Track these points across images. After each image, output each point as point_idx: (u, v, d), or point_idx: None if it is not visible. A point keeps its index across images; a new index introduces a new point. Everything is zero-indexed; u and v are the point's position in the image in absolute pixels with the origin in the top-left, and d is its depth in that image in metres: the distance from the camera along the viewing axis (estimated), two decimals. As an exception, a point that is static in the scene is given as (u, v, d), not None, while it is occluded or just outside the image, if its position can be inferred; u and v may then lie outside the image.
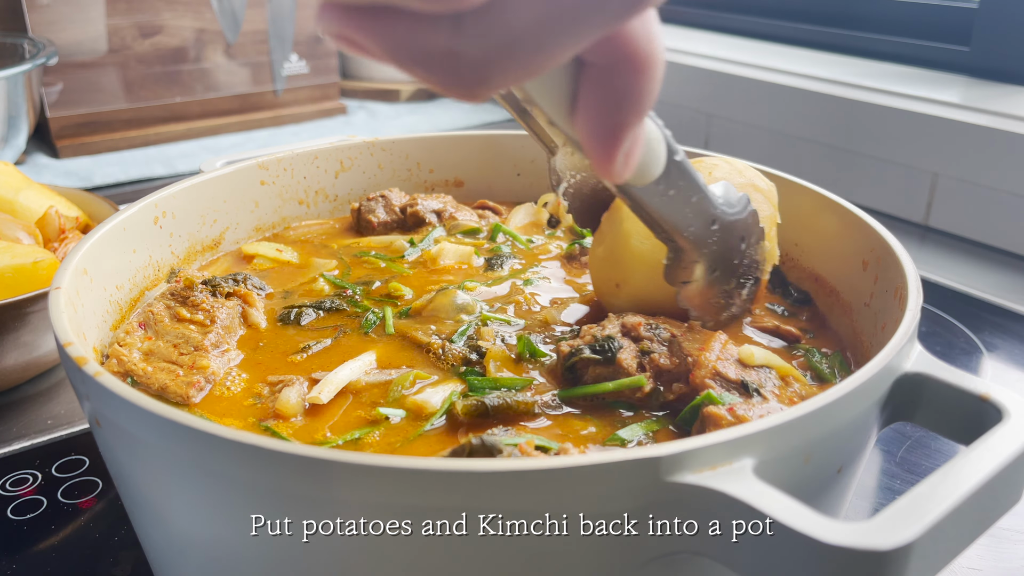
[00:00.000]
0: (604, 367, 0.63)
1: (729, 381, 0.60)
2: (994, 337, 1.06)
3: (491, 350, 0.66)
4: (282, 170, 0.93)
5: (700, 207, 0.61)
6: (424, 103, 2.21)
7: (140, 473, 0.51)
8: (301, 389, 0.63)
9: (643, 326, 0.65)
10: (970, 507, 0.42)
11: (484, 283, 0.79)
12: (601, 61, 0.39)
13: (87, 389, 0.50)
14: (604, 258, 0.72)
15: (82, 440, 0.85)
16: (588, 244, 0.85)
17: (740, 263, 0.68)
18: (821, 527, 0.39)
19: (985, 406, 0.50)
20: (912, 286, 0.61)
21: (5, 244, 0.89)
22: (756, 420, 0.46)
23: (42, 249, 0.92)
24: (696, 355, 0.62)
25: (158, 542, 0.55)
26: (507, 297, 0.77)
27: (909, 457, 0.83)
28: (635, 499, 0.42)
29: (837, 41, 1.73)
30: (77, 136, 1.73)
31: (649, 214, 0.59)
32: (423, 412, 0.60)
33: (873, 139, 1.43)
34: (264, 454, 0.42)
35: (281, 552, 0.45)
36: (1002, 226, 1.30)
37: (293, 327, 0.73)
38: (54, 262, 0.89)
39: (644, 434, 0.59)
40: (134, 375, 0.63)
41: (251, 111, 1.94)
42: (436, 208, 0.93)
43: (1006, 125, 1.27)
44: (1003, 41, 1.46)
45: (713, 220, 0.62)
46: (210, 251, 0.87)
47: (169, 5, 1.76)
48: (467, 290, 0.76)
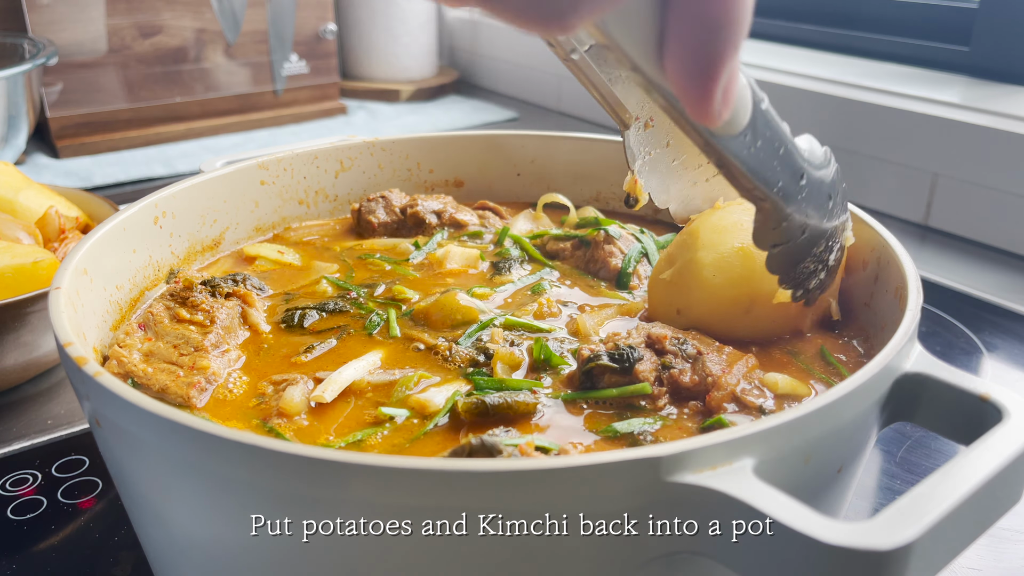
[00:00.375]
0: (620, 376, 0.62)
1: (747, 406, 0.59)
2: (994, 337, 1.06)
3: (499, 352, 0.66)
4: (282, 170, 0.93)
5: (788, 159, 0.56)
6: (424, 103, 2.21)
7: (140, 473, 0.51)
8: (305, 388, 0.63)
9: (669, 340, 0.64)
10: (970, 507, 0.42)
11: (492, 288, 0.79)
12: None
13: (87, 389, 0.50)
14: (671, 282, 0.71)
15: (82, 440, 0.85)
16: (613, 231, 0.84)
17: (829, 224, 0.63)
18: (821, 527, 0.39)
19: (985, 406, 0.50)
20: (912, 286, 0.61)
21: (5, 244, 0.89)
22: (757, 420, 0.46)
23: (42, 249, 0.92)
24: (717, 376, 0.61)
25: (158, 542, 0.55)
26: (519, 302, 0.77)
27: (909, 457, 0.83)
28: (635, 499, 0.42)
29: (837, 41, 1.73)
30: (77, 136, 1.73)
31: (737, 169, 0.53)
32: (426, 411, 0.60)
33: (873, 139, 1.43)
34: (264, 454, 0.42)
35: (281, 552, 0.45)
36: (1002, 226, 1.30)
37: (296, 329, 0.73)
38: (54, 262, 0.89)
39: (641, 428, 0.59)
40: (134, 376, 0.63)
41: (251, 111, 1.94)
42: (436, 209, 0.93)
43: (1006, 125, 1.27)
44: (1003, 41, 1.46)
45: (801, 174, 0.57)
46: (210, 251, 0.87)
47: (169, 5, 1.76)
48: (476, 296, 0.76)
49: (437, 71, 2.37)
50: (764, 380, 0.61)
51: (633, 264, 0.81)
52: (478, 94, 2.32)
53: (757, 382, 0.61)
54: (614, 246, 0.83)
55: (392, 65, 2.25)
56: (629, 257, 0.82)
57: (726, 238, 0.69)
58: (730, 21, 0.36)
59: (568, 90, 2.08)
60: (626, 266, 0.81)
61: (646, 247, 0.84)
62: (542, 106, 2.19)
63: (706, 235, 0.70)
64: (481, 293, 0.77)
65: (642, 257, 0.83)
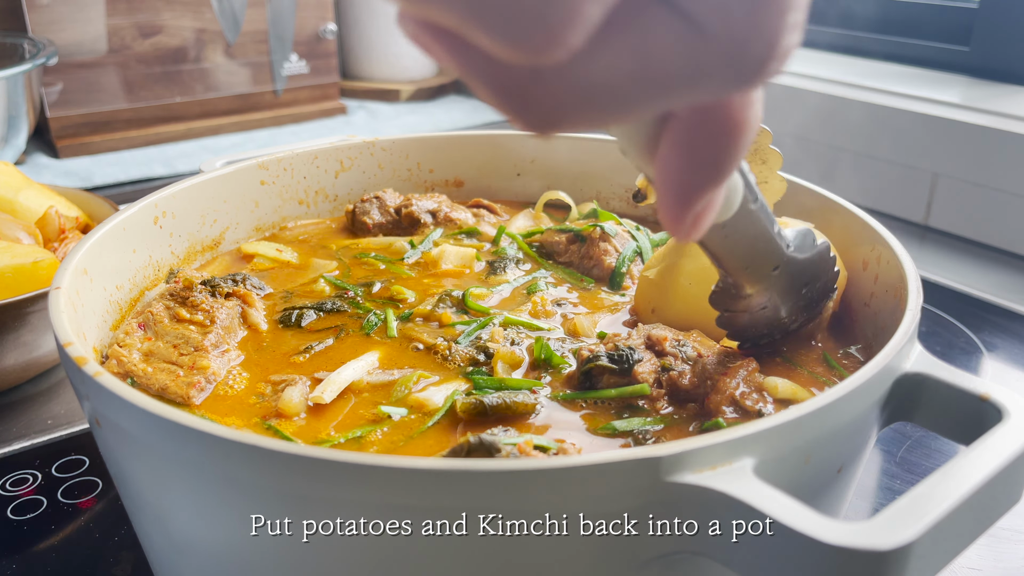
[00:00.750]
0: (619, 377, 0.62)
1: (746, 410, 0.59)
2: (994, 337, 1.06)
3: (499, 352, 0.66)
4: (282, 170, 0.93)
5: (765, 252, 0.56)
6: (424, 103, 2.21)
7: (140, 473, 0.51)
8: (304, 388, 0.63)
9: (669, 341, 0.64)
10: (970, 507, 0.42)
11: (488, 287, 0.79)
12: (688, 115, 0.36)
13: (87, 389, 0.50)
14: (652, 281, 0.72)
15: (82, 440, 0.85)
16: (609, 229, 0.84)
17: (795, 305, 0.64)
18: (821, 527, 0.39)
19: (985, 406, 0.50)
20: (912, 286, 0.61)
21: (5, 244, 0.89)
22: (756, 420, 0.46)
23: (42, 249, 0.92)
24: (717, 380, 0.61)
25: (158, 542, 0.55)
26: (515, 301, 0.77)
27: (909, 457, 0.83)
28: (635, 499, 0.42)
29: (837, 41, 1.73)
30: (77, 136, 1.73)
31: (704, 248, 0.55)
32: (425, 410, 0.60)
33: (873, 139, 1.43)
34: (264, 454, 0.42)
35: (281, 552, 0.45)
36: (1002, 226, 1.30)
37: (294, 328, 0.73)
38: (54, 262, 0.89)
39: (641, 428, 0.59)
40: (134, 376, 0.63)
41: (251, 111, 1.94)
42: (431, 208, 0.93)
43: (1006, 125, 1.27)
44: (1003, 41, 1.46)
45: (776, 265, 0.58)
46: (210, 251, 0.87)
47: (169, 5, 1.76)
48: (474, 296, 0.76)
49: (437, 71, 2.36)
50: (764, 384, 0.61)
51: (627, 264, 0.82)
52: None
53: (756, 386, 0.61)
54: (609, 244, 0.83)
55: (392, 65, 2.25)
56: (623, 256, 0.82)
57: None
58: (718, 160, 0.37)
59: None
60: (620, 265, 0.81)
61: (641, 246, 0.84)
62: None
63: (695, 243, 0.70)
64: (478, 293, 0.77)
65: (636, 256, 0.84)
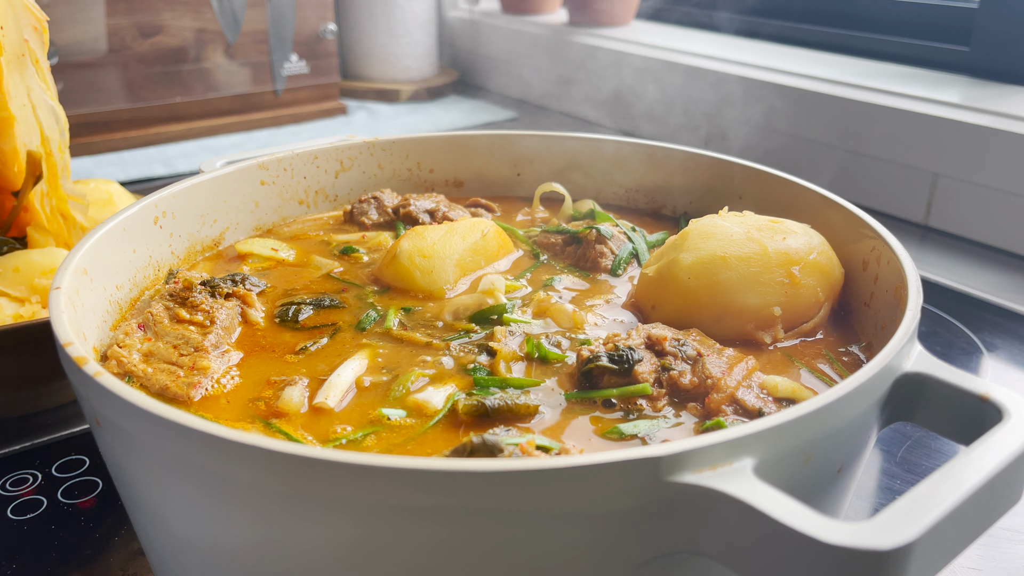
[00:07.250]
0: (620, 377, 0.62)
1: (746, 409, 0.59)
2: (994, 337, 1.06)
3: (502, 351, 0.66)
4: (282, 170, 0.93)
5: None
6: (424, 103, 2.21)
7: (140, 473, 0.51)
8: (303, 388, 0.63)
9: (669, 341, 0.64)
10: (970, 507, 0.42)
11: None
12: None
13: (87, 389, 0.50)
14: (652, 278, 0.73)
15: (82, 440, 0.84)
16: (605, 231, 0.84)
17: None
18: (821, 527, 0.39)
19: (985, 406, 0.50)
20: (912, 286, 0.61)
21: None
22: (756, 420, 0.46)
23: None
24: (717, 379, 0.61)
25: (158, 542, 0.55)
26: (521, 298, 0.77)
27: (909, 457, 0.83)
28: (635, 499, 0.42)
29: (837, 41, 1.73)
30: (77, 136, 1.73)
31: None
32: (424, 411, 0.60)
33: (873, 139, 1.43)
34: (263, 454, 0.42)
35: (281, 552, 0.45)
36: (1002, 226, 1.30)
37: (291, 324, 0.73)
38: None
39: (647, 431, 0.59)
40: (134, 376, 0.63)
41: (251, 111, 1.94)
42: (429, 208, 0.93)
43: (1006, 125, 1.27)
44: (1003, 41, 1.46)
45: None
46: (210, 251, 0.87)
47: (169, 5, 1.76)
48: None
49: (437, 71, 2.37)
50: (764, 383, 0.61)
51: (623, 267, 0.82)
52: (478, 94, 2.32)
53: (757, 385, 0.61)
54: (605, 246, 0.83)
55: (392, 65, 2.25)
56: (619, 259, 0.82)
57: (710, 244, 0.69)
58: None
59: (568, 90, 2.08)
60: (615, 268, 0.81)
61: (637, 247, 0.84)
62: (542, 106, 2.19)
63: (693, 238, 0.71)
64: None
65: (632, 259, 0.84)
